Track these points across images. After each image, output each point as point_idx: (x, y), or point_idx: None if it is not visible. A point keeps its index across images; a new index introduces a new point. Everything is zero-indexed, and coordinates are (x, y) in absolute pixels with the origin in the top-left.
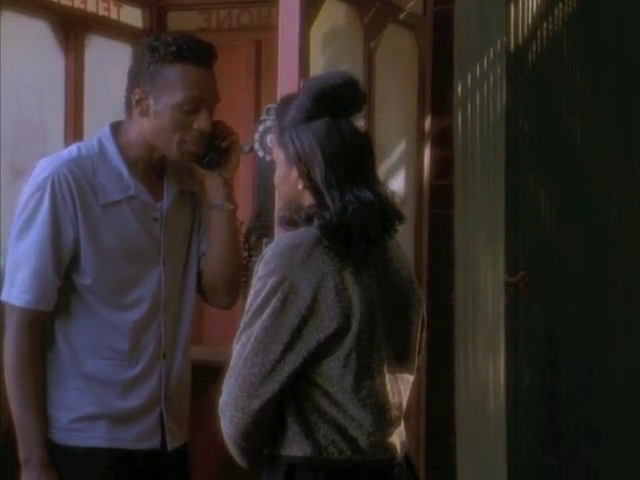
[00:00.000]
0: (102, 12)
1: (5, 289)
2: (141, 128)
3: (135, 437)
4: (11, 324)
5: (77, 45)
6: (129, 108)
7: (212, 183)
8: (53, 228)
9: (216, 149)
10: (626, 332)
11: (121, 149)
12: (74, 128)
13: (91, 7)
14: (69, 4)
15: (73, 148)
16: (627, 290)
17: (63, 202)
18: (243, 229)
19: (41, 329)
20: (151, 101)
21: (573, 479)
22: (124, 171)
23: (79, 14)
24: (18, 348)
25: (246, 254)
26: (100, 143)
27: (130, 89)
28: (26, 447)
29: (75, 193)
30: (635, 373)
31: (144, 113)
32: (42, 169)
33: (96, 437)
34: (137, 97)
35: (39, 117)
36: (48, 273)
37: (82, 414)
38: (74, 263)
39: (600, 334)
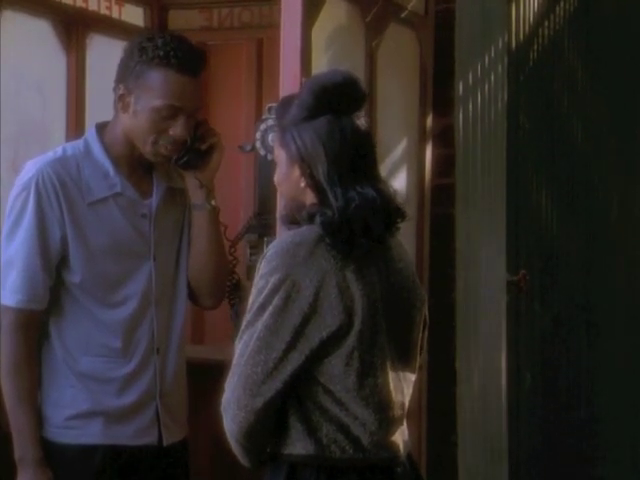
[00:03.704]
0: (103, 11)
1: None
2: (122, 123)
3: (132, 433)
4: (5, 325)
5: (79, 44)
6: (114, 102)
7: (190, 184)
8: (39, 228)
9: (195, 150)
10: (627, 331)
11: (106, 147)
12: (76, 127)
13: (92, 6)
14: (71, 3)
15: (59, 149)
16: (628, 289)
17: (48, 202)
18: (229, 233)
19: (37, 329)
20: (132, 99)
21: (573, 478)
22: (110, 169)
23: (81, 13)
24: (12, 348)
25: (231, 257)
26: (86, 142)
27: (116, 83)
28: (21, 446)
29: (60, 192)
30: (636, 372)
31: (125, 109)
32: (27, 170)
33: (91, 434)
34: (120, 92)
35: (41, 116)
36: (37, 272)
37: (77, 412)
38: (63, 261)
39: (601, 333)
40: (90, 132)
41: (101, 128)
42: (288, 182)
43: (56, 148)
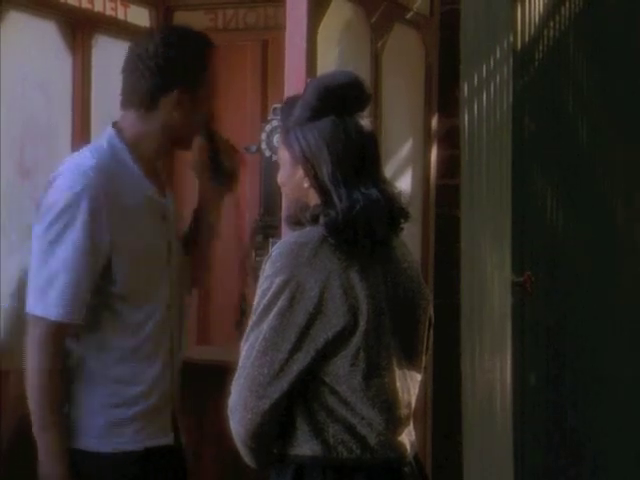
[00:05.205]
0: (109, 12)
1: (34, 301)
2: (164, 121)
3: (156, 434)
4: (39, 337)
5: (84, 45)
6: (146, 102)
7: (214, 201)
8: (91, 240)
9: (227, 172)
10: (631, 331)
11: (130, 148)
12: (81, 128)
13: (98, 7)
14: (76, 4)
15: (87, 154)
16: (633, 290)
17: (99, 212)
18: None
19: (64, 341)
20: (189, 97)
21: (578, 478)
22: (138, 171)
23: (86, 14)
24: (46, 361)
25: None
26: (110, 145)
27: (167, 83)
28: (48, 463)
29: (108, 201)
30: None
31: (180, 106)
32: (73, 180)
33: (125, 441)
34: (179, 93)
35: (46, 117)
36: (84, 286)
37: (111, 419)
38: (105, 271)
39: (606, 334)
40: (110, 134)
41: (119, 129)
42: (292, 183)
43: (83, 153)
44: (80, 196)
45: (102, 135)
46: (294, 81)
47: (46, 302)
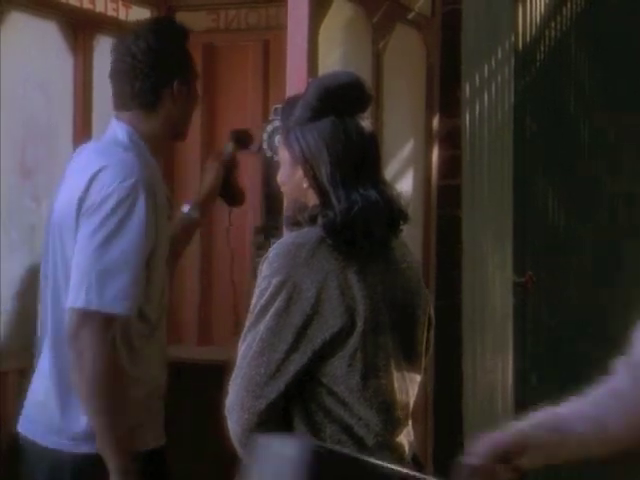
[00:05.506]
0: (111, 13)
1: (90, 296)
2: (168, 114)
3: (160, 434)
4: (97, 330)
5: (85, 46)
6: (151, 99)
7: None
8: (146, 233)
9: (236, 189)
10: (632, 332)
11: (147, 146)
12: (82, 128)
13: (100, 7)
14: (77, 5)
15: (118, 149)
16: (634, 290)
17: (151, 205)
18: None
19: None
20: (187, 87)
21: (579, 478)
22: (157, 167)
23: (88, 14)
24: (108, 355)
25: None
26: (133, 142)
27: (163, 78)
28: (125, 456)
29: (152, 196)
30: None
31: (179, 98)
32: (124, 172)
33: (146, 441)
34: (177, 86)
35: (47, 117)
36: (142, 280)
37: (134, 421)
38: None
39: (607, 335)
40: (127, 130)
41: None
42: (291, 183)
43: (109, 148)
44: (135, 187)
45: (113, 131)
46: (295, 81)
47: (106, 296)
